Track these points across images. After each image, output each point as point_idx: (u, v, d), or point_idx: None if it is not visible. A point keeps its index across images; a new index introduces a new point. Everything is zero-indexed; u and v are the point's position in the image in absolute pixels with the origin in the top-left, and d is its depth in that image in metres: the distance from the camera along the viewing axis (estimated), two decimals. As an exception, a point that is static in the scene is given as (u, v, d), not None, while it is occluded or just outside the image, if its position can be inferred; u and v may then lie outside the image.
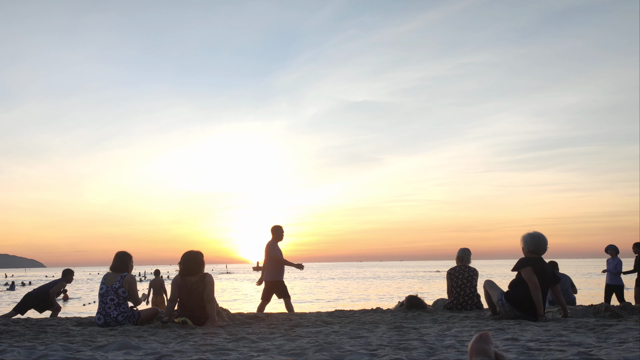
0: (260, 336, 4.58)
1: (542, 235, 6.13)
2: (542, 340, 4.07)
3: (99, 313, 6.05)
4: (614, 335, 4.29)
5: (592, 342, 3.89)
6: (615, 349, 3.43)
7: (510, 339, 4.10)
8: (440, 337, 4.33)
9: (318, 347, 3.77)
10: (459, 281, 7.68)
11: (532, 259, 6.01)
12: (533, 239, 6.10)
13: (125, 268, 6.29)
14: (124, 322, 5.98)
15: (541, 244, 6.07)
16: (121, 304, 6.06)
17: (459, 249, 8.14)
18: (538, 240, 6.07)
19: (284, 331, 5.02)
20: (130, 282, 6.17)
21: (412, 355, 3.43)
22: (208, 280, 5.91)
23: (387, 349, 3.69)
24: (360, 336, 4.53)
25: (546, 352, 3.41)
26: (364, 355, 3.47)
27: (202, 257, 6.05)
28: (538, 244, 6.07)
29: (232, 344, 4.10)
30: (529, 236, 6.14)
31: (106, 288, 6.11)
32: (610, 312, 6.07)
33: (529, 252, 6.11)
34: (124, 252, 6.40)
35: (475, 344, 1.18)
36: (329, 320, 6.19)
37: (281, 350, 3.75)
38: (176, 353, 3.64)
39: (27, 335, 4.84)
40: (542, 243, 6.07)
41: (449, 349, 3.68)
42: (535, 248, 6.07)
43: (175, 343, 4.24)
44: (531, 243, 6.10)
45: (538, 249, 6.07)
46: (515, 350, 3.56)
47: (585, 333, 4.50)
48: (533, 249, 6.08)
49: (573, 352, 3.34)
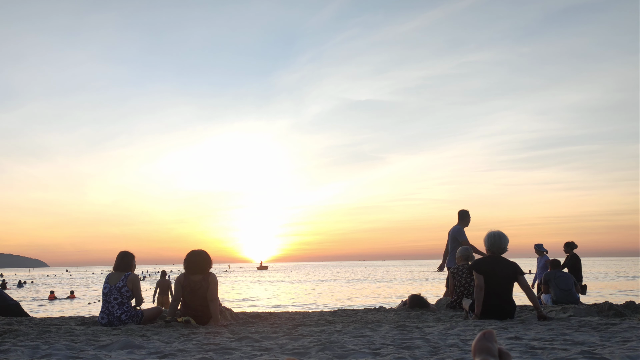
0: (263, 335, 4.58)
1: (501, 235, 6.16)
2: (545, 339, 4.06)
3: (103, 312, 6.06)
4: (617, 334, 4.28)
5: (595, 341, 3.88)
6: (619, 348, 3.42)
7: (514, 338, 4.09)
8: (444, 336, 4.33)
9: (321, 346, 3.77)
10: (462, 280, 7.67)
11: (480, 262, 6.13)
12: (490, 238, 6.19)
13: (128, 267, 6.30)
14: (127, 321, 5.99)
15: (496, 243, 6.12)
16: (125, 303, 6.07)
17: (461, 248, 8.15)
18: (493, 240, 6.14)
19: (286, 330, 5.02)
20: (134, 281, 6.18)
21: (415, 354, 3.43)
22: (212, 280, 5.92)
23: (390, 348, 3.69)
24: (363, 335, 4.53)
25: (549, 351, 3.41)
26: (367, 354, 3.47)
27: (206, 256, 6.06)
28: (493, 244, 6.14)
29: (235, 343, 4.10)
30: (487, 236, 6.22)
31: (110, 287, 6.12)
32: (613, 310, 6.06)
33: (488, 251, 6.22)
34: (127, 251, 6.41)
35: (479, 342, 1.18)
36: (332, 320, 6.19)
37: (284, 349, 3.75)
38: (179, 352, 3.65)
39: (31, 335, 4.85)
40: (497, 243, 6.12)
41: (452, 347, 3.67)
42: (491, 247, 6.16)
43: (179, 342, 4.24)
44: (487, 243, 6.19)
45: (493, 249, 6.14)
46: (518, 349, 3.55)
47: (588, 332, 4.49)
48: (489, 248, 6.17)
49: (576, 351, 3.34)
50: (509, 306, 5.93)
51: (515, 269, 6.01)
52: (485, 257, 6.20)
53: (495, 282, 5.91)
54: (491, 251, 6.15)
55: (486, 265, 6.01)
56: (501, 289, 5.91)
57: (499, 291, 5.90)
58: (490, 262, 6.05)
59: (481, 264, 6.07)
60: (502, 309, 5.88)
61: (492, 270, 5.95)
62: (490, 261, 6.06)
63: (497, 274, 5.94)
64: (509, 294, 5.99)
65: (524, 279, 5.99)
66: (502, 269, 6.00)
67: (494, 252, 6.13)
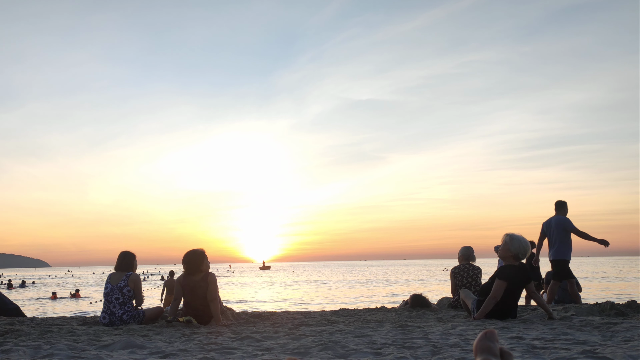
0: (265, 335, 4.59)
1: (526, 241, 5.85)
2: (547, 338, 4.05)
3: (104, 312, 6.06)
4: (619, 333, 4.28)
5: (597, 341, 3.88)
6: (621, 347, 3.42)
7: (515, 337, 4.09)
8: (445, 336, 4.33)
9: (322, 345, 3.77)
10: (463, 279, 7.67)
11: (512, 272, 5.74)
12: (518, 244, 5.76)
13: (129, 267, 6.31)
14: (129, 321, 6.00)
15: (523, 251, 5.78)
16: (126, 303, 6.07)
17: (462, 247, 8.14)
18: (523, 248, 5.76)
19: (288, 330, 5.03)
20: (135, 281, 6.19)
21: (417, 353, 3.43)
22: (210, 280, 5.92)
23: (392, 348, 3.69)
24: (364, 335, 4.53)
25: (551, 351, 3.40)
26: (369, 353, 3.47)
27: (201, 254, 6.03)
28: (522, 251, 5.76)
29: (236, 343, 4.10)
30: (516, 240, 5.79)
31: (111, 287, 6.13)
32: (615, 310, 6.05)
33: (511, 257, 5.80)
34: (128, 251, 6.42)
35: (480, 342, 1.18)
36: (334, 319, 6.19)
37: (285, 349, 3.75)
38: (181, 352, 3.65)
39: (33, 335, 4.86)
40: (523, 250, 5.78)
41: (454, 347, 3.67)
42: (518, 253, 5.78)
43: (180, 342, 4.24)
44: (515, 248, 5.76)
45: (520, 256, 5.81)
46: (520, 348, 3.55)
47: (590, 331, 4.49)
48: (515, 253, 5.78)
49: (578, 351, 3.33)
50: (513, 309, 5.84)
51: (529, 276, 5.89)
52: (514, 267, 5.78)
53: (512, 290, 5.76)
54: (516, 258, 5.81)
55: (514, 277, 5.73)
56: (514, 295, 5.81)
57: (512, 297, 5.79)
58: (518, 272, 5.78)
59: (512, 275, 5.73)
60: (507, 313, 5.80)
61: (518, 280, 5.77)
62: (518, 271, 5.77)
63: (516, 283, 5.78)
64: (518, 298, 5.91)
65: (532, 285, 5.91)
66: (523, 276, 5.82)
67: (519, 258, 5.83)
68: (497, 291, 5.69)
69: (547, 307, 5.85)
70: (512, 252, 5.78)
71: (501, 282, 5.69)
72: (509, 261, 5.85)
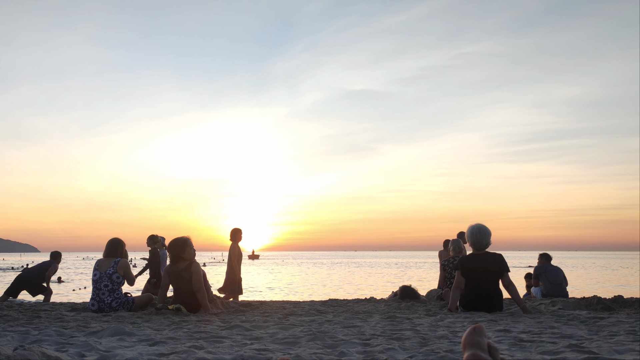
0: (254, 324, 4.60)
1: (482, 229, 5.91)
2: (534, 332, 4.09)
3: (93, 299, 6.05)
4: (605, 328, 4.33)
5: (583, 335, 3.92)
6: (607, 342, 3.45)
7: (503, 331, 4.12)
8: (433, 328, 4.36)
9: (311, 335, 3.78)
10: (452, 272, 7.71)
11: (462, 261, 5.96)
12: (472, 235, 5.93)
13: (119, 254, 6.29)
14: (117, 308, 5.99)
15: (478, 241, 5.90)
16: (115, 290, 6.06)
17: (453, 240, 8.17)
18: (475, 238, 5.91)
19: (277, 319, 5.04)
20: (124, 266, 6.17)
21: (405, 345, 3.45)
22: (194, 270, 5.90)
23: (380, 339, 3.71)
24: (353, 325, 4.55)
25: (538, 344, 3.44)
26: (357, 344, 3.48)
27: (184, 243, 5.99)
28: (475, 241, 5.92)
29: (225, 332, 4.11)
30: (469, 231, 5.97)
31: (100, 274, 6.10)
32: (602, 304, 6.12)
33: (471, 247, 6.00)
34: (117, 238, 6.39)
35: (469, 337, 1.18)
36: (323, 309, 6.22)
37: (274, 338, 3.76)
38: (170, 340, 3.65)
39: (21, 320, 4.84)
40: (478, 240, 5.90)
41: (442, 339, 3.70)
42: (473, 245, 5.95)
43: (169, 330, 4.24)
44: (469, 239, 5.96)
45: (476, 246, 5.94)
46: (507, 341, 3.58)
47: (577, 325, 4.53)
48: (471, 244, 5.97)
49: (564, 344, 3.37)
50: (491, 301, 5.79)
51: (500, 265, 5.83)
52: (469, 256, 6.01)
53: (477, 279, 5.82)
54: (474, 248, 5.96)
55: (468, 265, 5.89)
56: (483, 286, 5.80)
57: (482, 288, 5.80)
58: (473, 260, 5.90)
59: (464, 263, 5.93)
60: (484, 304, 5.77)
61: (474, 269, 5.84)
62: (473, 259, 5.90)
63: (479, 271, 5.83)
64: (492, 289, 5.83)
65: (507, 276, 5.82)
66: (485, 265, 5.84)
67: (476, 249, 5.95)
68: (457, 280, 5.94)
69: (520, 300, 5.83)
70: (468, 242, 6.06)
71: (457, 272, 5.97)
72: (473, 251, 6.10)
